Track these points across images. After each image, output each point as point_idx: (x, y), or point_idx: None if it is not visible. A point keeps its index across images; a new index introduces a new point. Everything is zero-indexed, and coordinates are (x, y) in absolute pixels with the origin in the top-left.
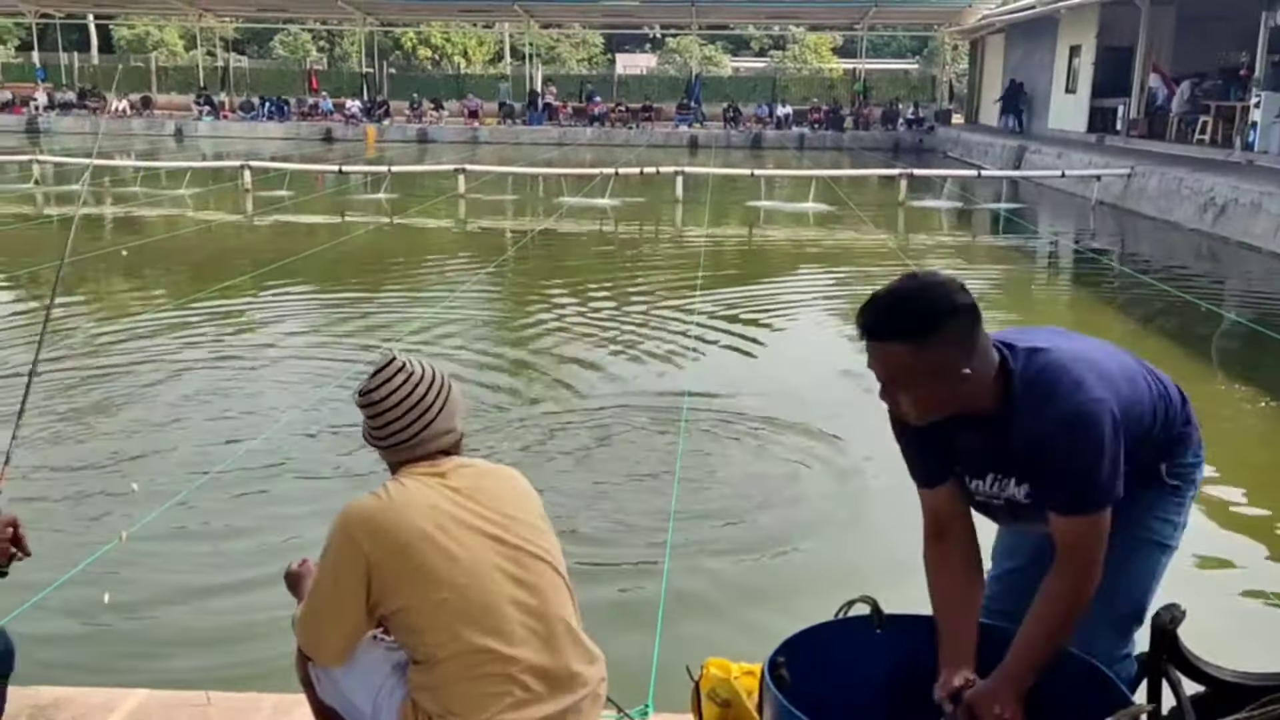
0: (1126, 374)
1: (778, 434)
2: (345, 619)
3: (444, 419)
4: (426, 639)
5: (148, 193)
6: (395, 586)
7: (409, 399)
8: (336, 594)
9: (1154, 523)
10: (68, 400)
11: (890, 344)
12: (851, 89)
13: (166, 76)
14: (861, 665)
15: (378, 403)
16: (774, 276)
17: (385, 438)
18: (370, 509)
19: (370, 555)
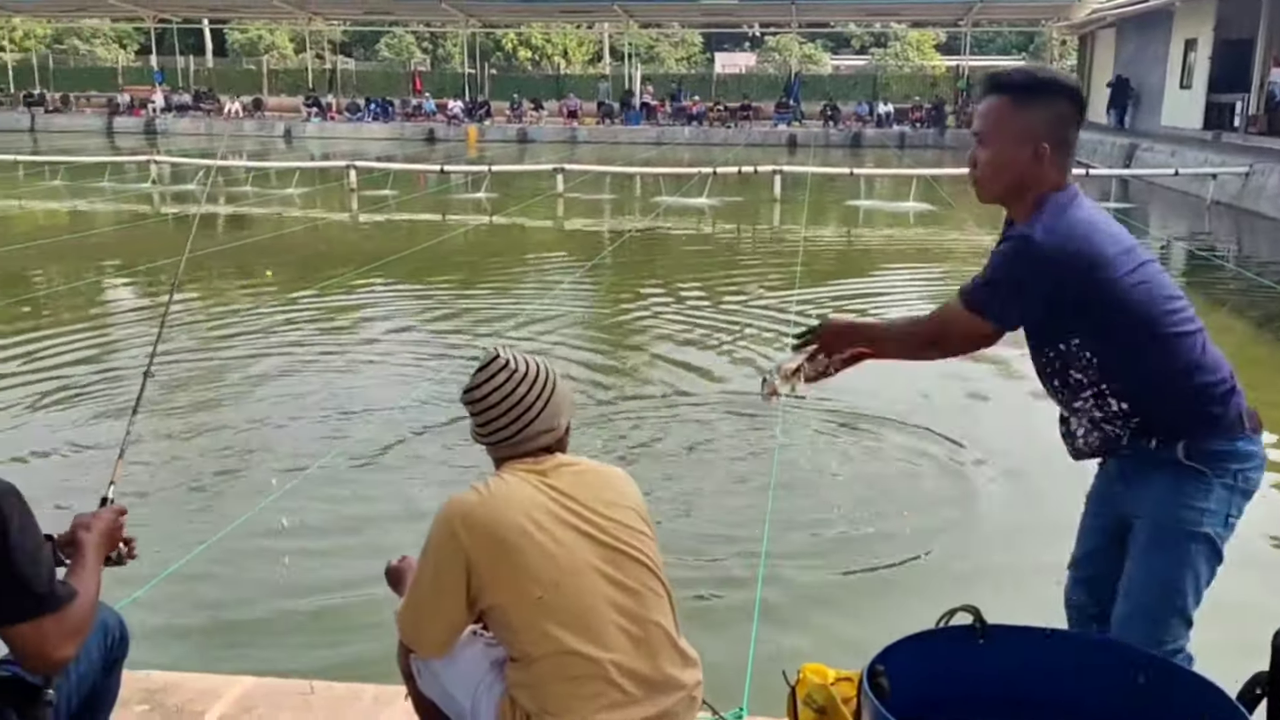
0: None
1: (880, 434)
2: (445, 613)
3: (547, 417)
4: (522, 637)
5: (258, 192)
6: (493, 582)
7: (511, 396)
8: (437, 588)
9: (1177, 510)
10: (176, 395)
11: (997, 95)
12: (954, 86)
13: (277, 79)
14: (963, 677)
15: (480, 400)
16: (873, 275)
17: (489, 434)
18: (470, 504)
19: (469, 550)
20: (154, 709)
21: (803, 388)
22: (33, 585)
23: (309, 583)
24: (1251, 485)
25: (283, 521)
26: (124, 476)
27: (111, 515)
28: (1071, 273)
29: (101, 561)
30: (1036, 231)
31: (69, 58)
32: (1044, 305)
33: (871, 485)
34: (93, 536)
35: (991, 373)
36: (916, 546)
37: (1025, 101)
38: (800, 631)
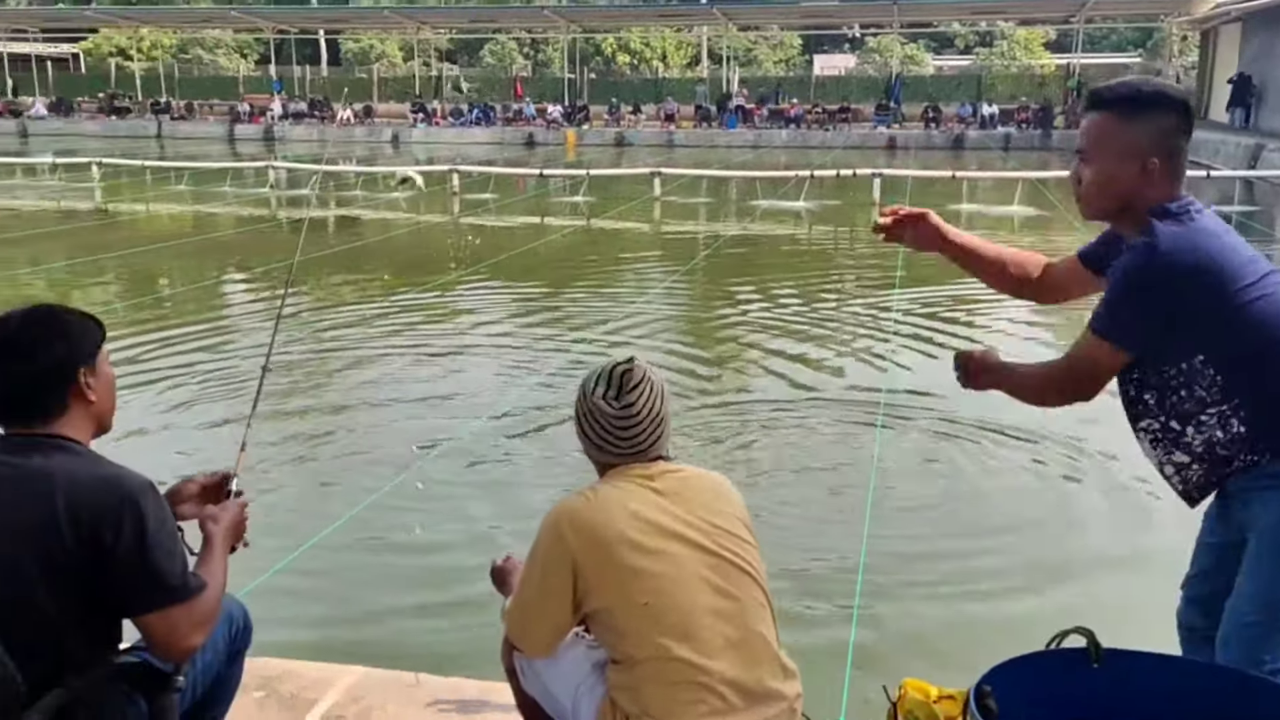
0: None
1: (987, 443)
2: (551, 614)
3: (669, 427)
4: (625, 641)
5: (366, 196)
6: (598, 586)
7: (654, 406)
8: (544, 590)
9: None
10: (290, 391)
11: (1100, 111)
12: (1064, 85)
13: (386, 86)
14: (1074, 701)
15: (635, 414)
16: (976, 285)
17: (625, 446)
18: (578, 508)
19: (576, 553)
20: (269, 695)
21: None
22: (166, 578)
23: (417, 577)
24: None
25: (418, 485)
26: (244, 468)
27: (237, 508)
28: (1196, 285)
29: (228, 553)
30: (1158, 242)
31: (193, 67)
32: (1167, 321)
33: (977, 498)
34: (220, 529)
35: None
36: (1023, 561)
37: (1130, 116)
38: (901, 645)
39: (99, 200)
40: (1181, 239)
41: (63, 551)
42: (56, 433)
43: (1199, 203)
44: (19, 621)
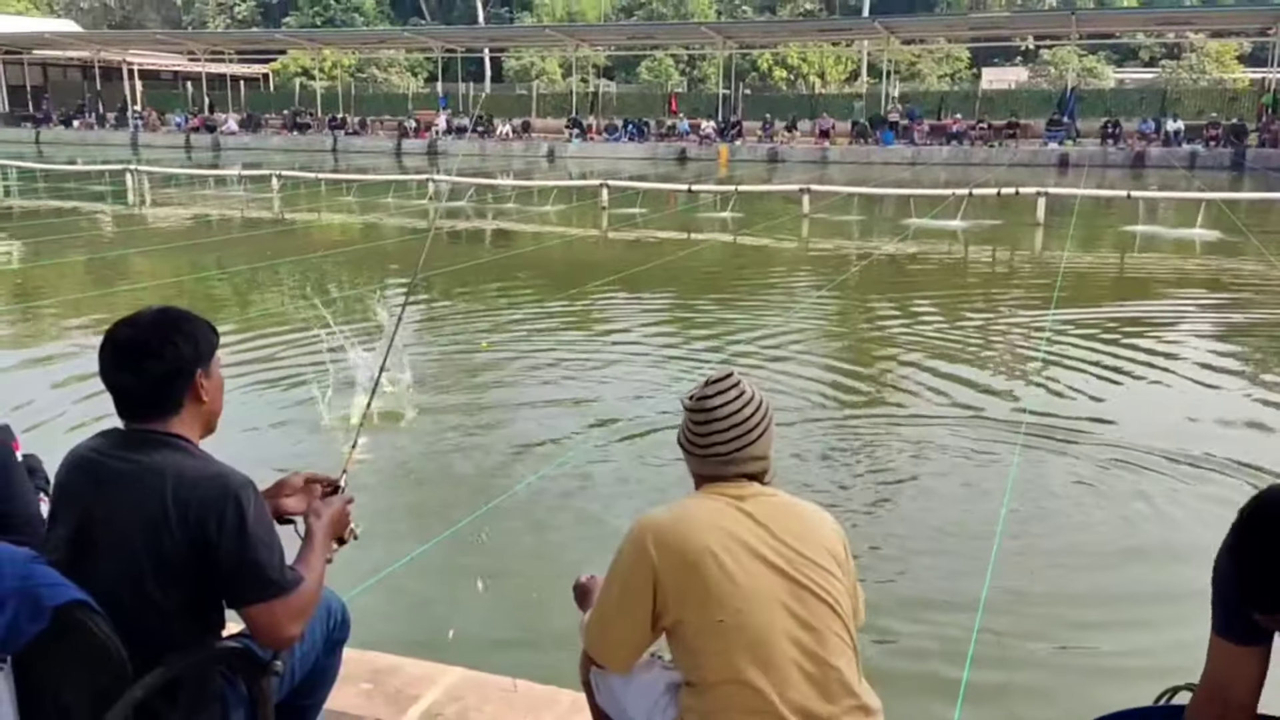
0: None
1: (1139, 473)
2: (631, 626)
3: (761, 444)
4: (699, 660)
5: (519, 209)
6: (679, 600)
7: (738, 414)
8: (623, 602)
9: None
10: (422, 395)
11: None
12: (1258, 101)
13: (544, 102)
14: None
15: (709, 410)
16: (1146, 307)
17: (705, 446)
18: (661, 520)
19: (658, 565)
20: (377, 688)
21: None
22: (266, 571)
23: (525, 586)
24: None
25: (482, 536)
26: (356, 464)
27: (340, 505)
28: None
29: (328, 548)
30: None
31: (368, 85)
32: None
33: (1115, 537)
34: (322, 524)
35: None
36: (1160, 608)
37: None
38: (1014, 691)
39: (277, 210)
40: None
41: (171, 544)
42: (171, 430)
43: None
44: (130, 607)
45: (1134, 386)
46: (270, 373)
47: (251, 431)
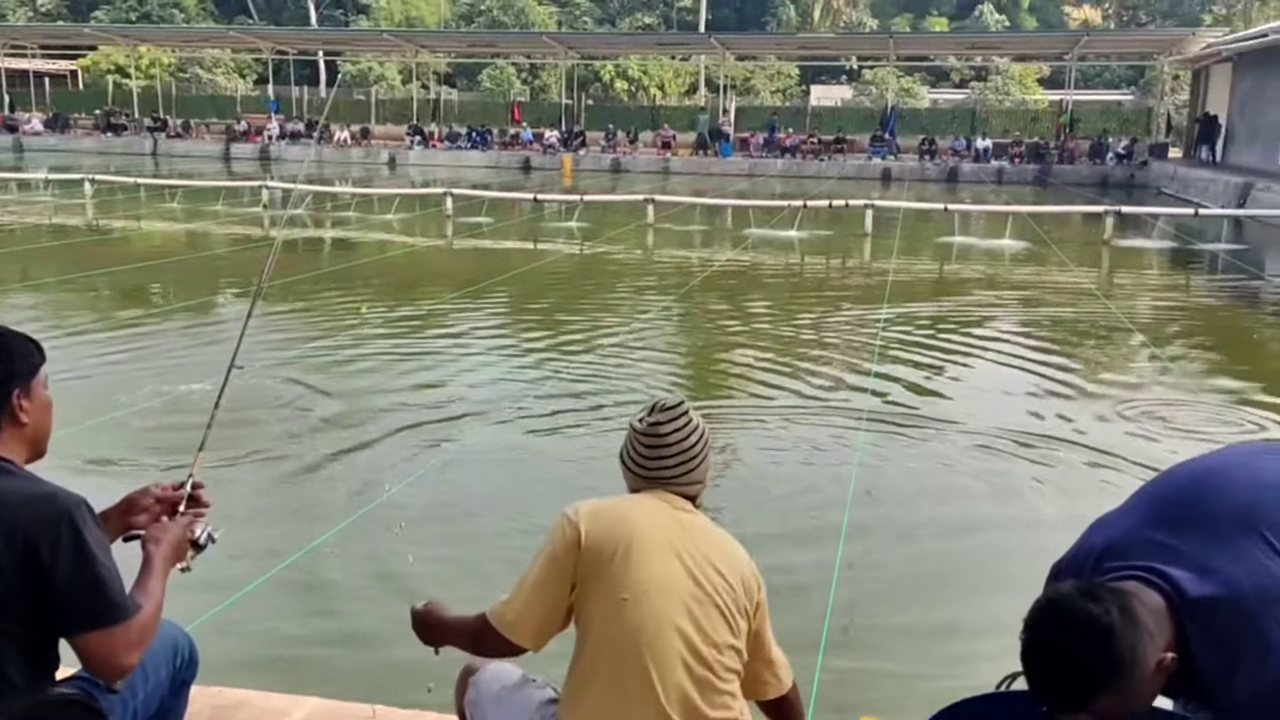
0: None
1: (968, 477)
2: (548, 593)
3: (701, 470)
4: (591, 635)
5: (360, 217)
6: (595, 572)
7: (685, 441)
8: (547, 570)
9: None
10: (258, 412)
11: (1093, 704)
12: (1057, 121)
13: (384, 109)
14: None
15: (661, 436)
16: (963, 321)
17: (651, 470)
18: (596, 502)
19: (585, 533)
20: None
21: None
22: (105, 595)
23: (373, 610)
24: None
25: (400, 525)
26: (204, 468)
27: (181, 528)
28: None
29: (167, 574)
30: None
31: (191, 86)
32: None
33: (954, 523)
34: (161, 549)
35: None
36: (997, 594)
37: (1128, 674)
38: (866, 677)
39: (91, 217)
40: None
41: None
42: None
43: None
44: None
45: (959, 373)
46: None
47: (86, 459)
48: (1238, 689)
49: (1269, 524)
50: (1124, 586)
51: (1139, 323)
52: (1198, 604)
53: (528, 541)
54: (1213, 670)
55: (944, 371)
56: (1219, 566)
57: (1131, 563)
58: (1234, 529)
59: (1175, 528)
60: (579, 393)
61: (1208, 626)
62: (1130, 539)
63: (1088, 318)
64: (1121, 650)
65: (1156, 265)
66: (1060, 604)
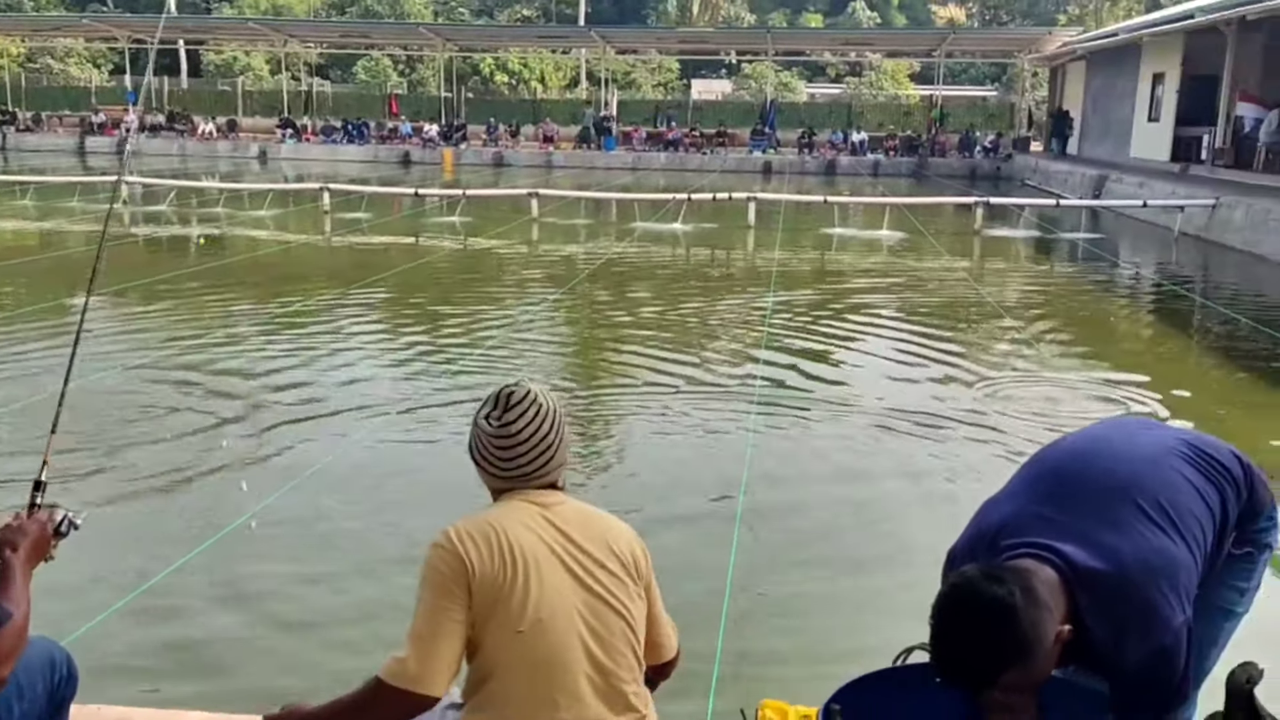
0: (1189, 519)
1: (860, 456)
2: (453, 638)
3: (561, 454)
4: (493, 672)
5: (230, 213)
6: (489, 606)
7: (538, 431)
8: (443, 613)
9: (1221, 590)
10: (122, 414)
11: (1000, 679)
12: (928, 116)
13: (252, 100)
14: (920, 716)
15: (513, 434)
16: (845, 306)
17: (508, 468)
18: (474, 527)
19: (475, 568)
20: None
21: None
22: None
23: (265, 618)
24: (1274, 550)
25: (251, 524)
26: (55, 462)
27: (36, 527)
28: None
29: (29, 575)
30: (1162, 642)
31: (42, 76)
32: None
33: (847, 507)
34: (20, 555)
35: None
36: (893, 572)
37: (1031, 653)
38: (765, 665)
39: None
40: (1143, 569)
41: None
42: None
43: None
44: None
45: (846, 357)
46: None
47: None
48: (1127, 655)
49: (1147, 497)
50: (1021, 565)
51: (1008, 307)
52: (1087, 576)
53: (408, 553)
54: (1103, 638)
55: (831, 355)
56: (1104, 540)
57: (1024, 539)
58: (1116, 503)
59: (1061, 504)
60: (466, 385)
61: (1097, 597)
62: (1020, 517)
63: (964, 303)
64: (1025, 628)
65: (1023, 253)
66: (966, 589)
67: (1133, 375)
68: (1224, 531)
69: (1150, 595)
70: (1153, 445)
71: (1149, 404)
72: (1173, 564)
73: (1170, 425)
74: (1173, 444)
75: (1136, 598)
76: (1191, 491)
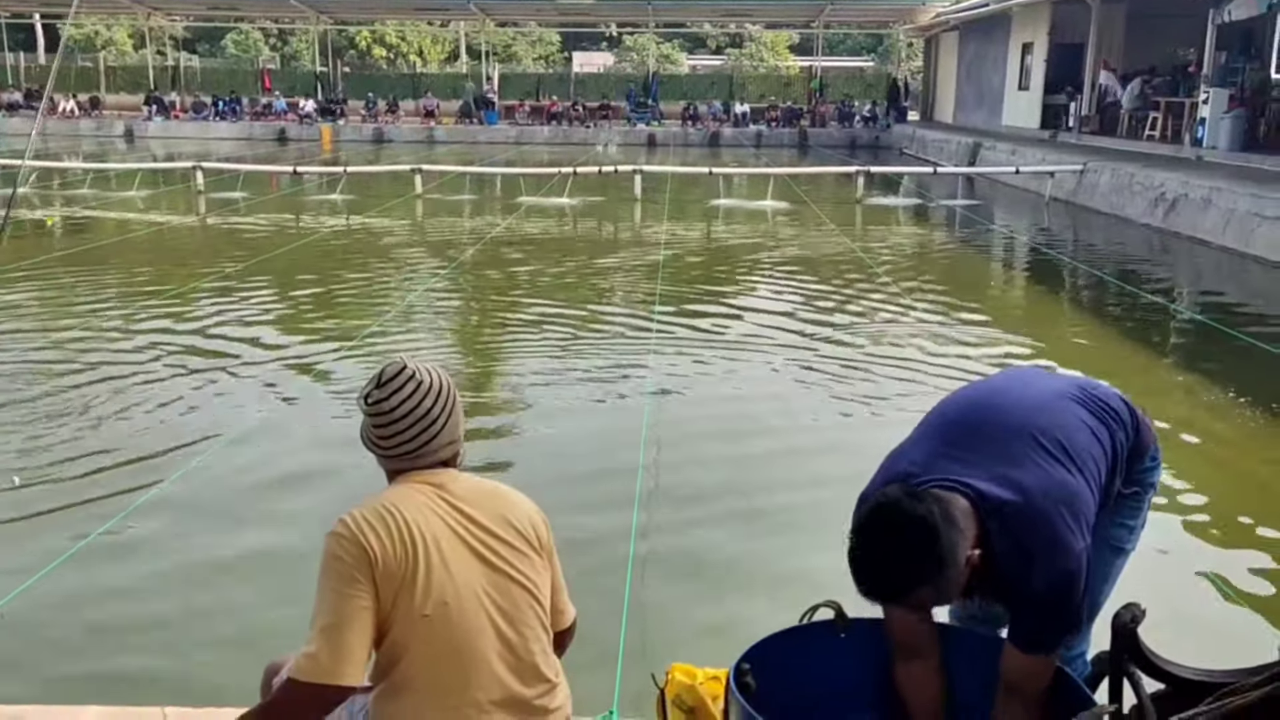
0: (1085, 455)
1: (745, 427)
2: (362, 628)
3: (449, 430)
4: (401, 656)
5: (97, 195)
6: (391, 593)
7: (417, 409)
8: (348, 602)
9: (1110, 529)
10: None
11: (914, 595)
12: (808, 86)
13: (116, 76)
14: (827, 671)
15: (386, 412)
16: (733, 272)
17: (390, 447)
18: (371, 514)
19: (376, 556)
20: None
21: None
22: None
23: (150, 610)
24: (1157, 488)
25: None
26: None
27: None
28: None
29: None
30: (1063, 567)
31: None
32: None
33: (739, 470)
34: None
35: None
36: (791, 535)
37: (941, 571)
38: (672, 628)
39: None
40: (1042, 494)
41: None
42: None
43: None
44: None
45: (738, 314)
46: None
47: None
48: (1033, 580)
49: (1046, 436)
50: (936, 492)
51: (891, 270)
52: (996, 505)
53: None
54: (1012, 565)
55: (724, 322)
56: (1010, 474)
57: (934, 476)
58: (1017, 441)
59: (967, 445)
60: (358, 375)
61: (1006, 525)
62: (929, 459)
63: (849, 270)
64: (944, 547)
65: (903, 220)
66: (889, 506)
67: (1017, 333)
68: (1115, 469)
69: (1054, 522)
70: (1047, 390)
71: (1026, 350)
72: (1073, 495)
73: (1062, 373)
74: (1065, 388)
75: (1042, 524)
76: (1085, 430)
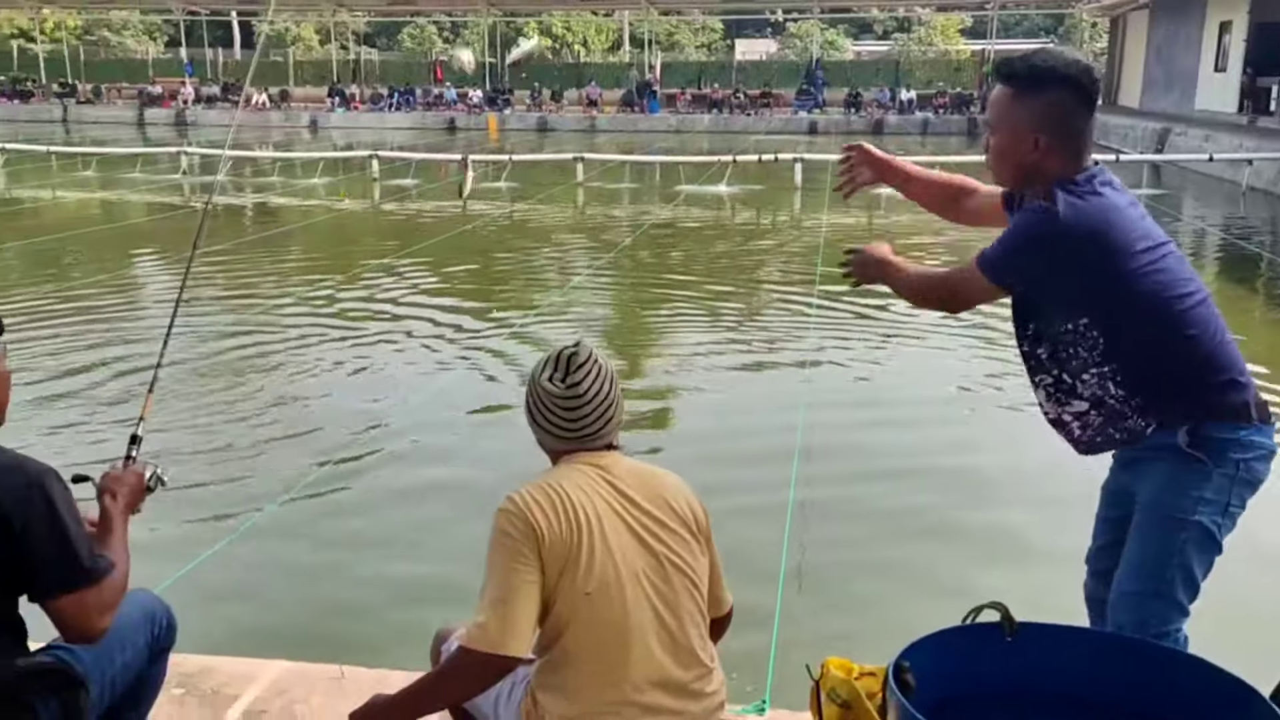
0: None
1: (923, 424)
2: (529, 601)
3: (619, 413)
4: (561, 631)
5: (284, 182)
6: (557, 569)
7: (602, 391)
8: (518, 576)
9: (1170, 498)
10: (202, 377)
11: (1002, 86)
12: (979, 71)
13: (303, 70)
14: (990, 674)
15: (581, 394)
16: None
17: (572, 429)
18: (539, 492)
19: (543, 532)
20: (189, 692)
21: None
22: (77, 559)
23: (341, 571)
24: (1256, 476)
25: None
26: (152, 412)
27: (134, 477)
28: (1086, 253)
29: (128, 525)
30: (1059, 207)
31: (100, 49)
32: (1046, 280)
33: (901, 475)
34: (119, 505)
35: None
36: (957, 537)
37: (1024, 92)
38: (828, 621)
39: (2, 187)
40: (1079, 211)
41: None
42: None
43: (1107, 174)
44: None
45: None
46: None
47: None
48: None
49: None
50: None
51: None
52: (1088, 180)
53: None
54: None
55: (885, 327)
56: (1114, 194)
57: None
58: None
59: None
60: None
61: (1070, 190)
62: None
63: None
64: (1044, 74)
65: None
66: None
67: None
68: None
69: (1058, 200)
70: None
71: None
72: (1104, 218)
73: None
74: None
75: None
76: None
